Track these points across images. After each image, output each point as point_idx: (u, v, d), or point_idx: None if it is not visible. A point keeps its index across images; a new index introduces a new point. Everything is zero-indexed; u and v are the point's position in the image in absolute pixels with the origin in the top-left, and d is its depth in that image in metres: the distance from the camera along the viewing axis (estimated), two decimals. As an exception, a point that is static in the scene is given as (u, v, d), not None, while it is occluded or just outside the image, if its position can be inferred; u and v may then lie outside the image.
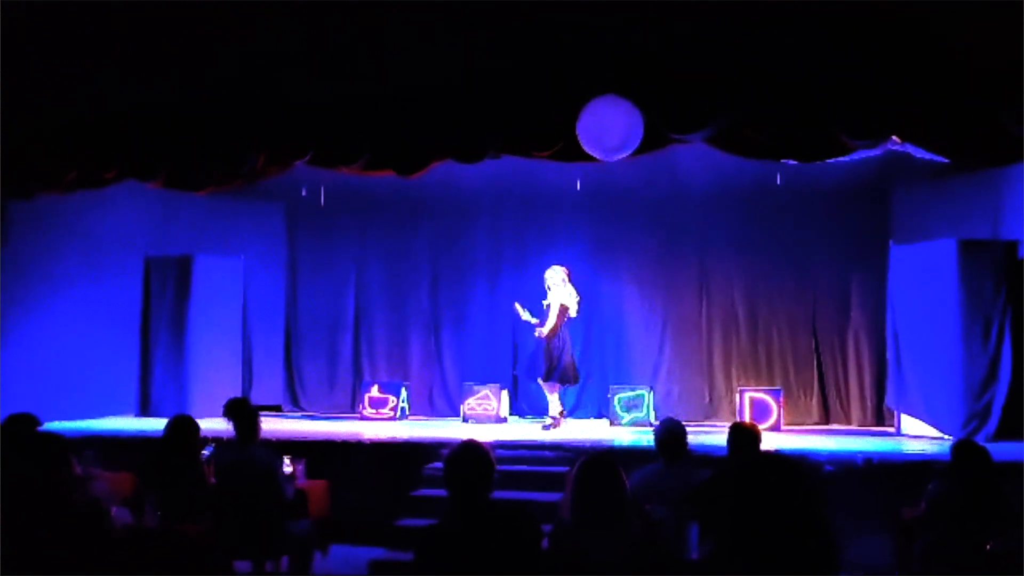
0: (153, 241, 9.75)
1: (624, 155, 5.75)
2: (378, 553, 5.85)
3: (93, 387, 8.96)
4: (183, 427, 4.89)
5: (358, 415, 9.73)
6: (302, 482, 5.65)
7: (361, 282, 10.78)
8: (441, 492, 6.25)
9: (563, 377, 8.73)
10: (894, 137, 6.06)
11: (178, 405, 9.21)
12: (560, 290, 8.79)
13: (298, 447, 6.39)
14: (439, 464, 6.80)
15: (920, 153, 6.29)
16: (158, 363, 9.67)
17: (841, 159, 6.40)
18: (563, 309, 8.70)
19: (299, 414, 10.34)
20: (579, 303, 8.86)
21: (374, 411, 9.67)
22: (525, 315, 8.97)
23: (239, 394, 9.92)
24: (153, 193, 8.70)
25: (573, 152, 6.35)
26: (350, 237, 10.71)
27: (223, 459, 4.86)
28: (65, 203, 8.30)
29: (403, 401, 9.64)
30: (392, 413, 9.57)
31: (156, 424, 7.73)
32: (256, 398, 10.16)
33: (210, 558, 3.86)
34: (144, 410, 9.59)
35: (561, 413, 8.83)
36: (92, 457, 5.49)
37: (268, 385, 10.57)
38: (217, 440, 5.38)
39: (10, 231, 8.12)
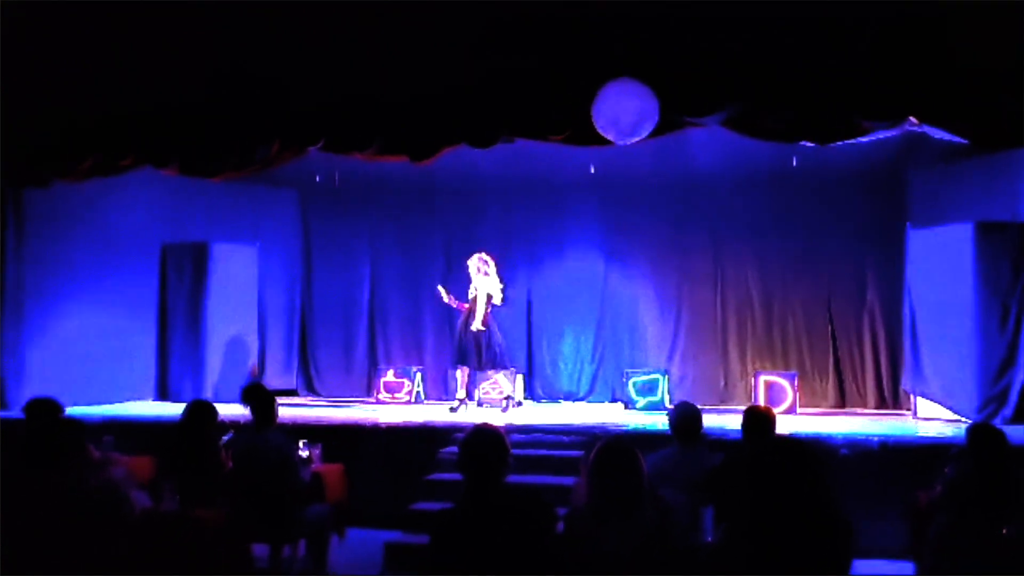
0: (169, 229, 9.80)
1: (639, 137, 5.72)
2: (394, 536, 5.92)
3: (111, 372, 9.04)
4: (201, 412, 4.93)
5: (374, 399, 9.79)
6: (318, 466, 5.68)
7: (375, 268, 10.81)
8: (455, 476, 6.33)
9: (495, 364, 8.71)
10: (911, 118, 5.99)
11: (195, 390, 9.36)
12: (483, 280, 8.77)
13: (314, 432, 6.42)
14: (453, 448, 6.84)
15: (939, 134, 6.22)
16: (175, 348, 9.75)
17: (860, 140, 6.31)
18: (488, 297, 8.69)
19: (314, 399, 10.40)
20: (503, 291, 8.90)
21: (389, 396, 9.77)
22: (446, 298, 8.99)
23: (252, 379, 10.09)
24: (168, 182, 8.75)
25: (587, 135, 6.32)
26: (364, 223, 10.74)
27: (240, 444, 4.90)
28: (81, 194, 8.37)
29: (418, 385, 9.72)
30: (408, 397, 9.66)
31: (174, 409, 7.85)
32: (270, 383, 10.22)
33: (227, 542, 3.89)
34: (162, 395, 9.68)
35: (464, 399, 8.83)
36: (111, 443, 5.54)
37: (283, 370, 10.67)
38: (235, 425, 5.42)
39: (26, 221, 8.18)
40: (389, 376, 9.86)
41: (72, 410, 5.85)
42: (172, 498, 4.75)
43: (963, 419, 7.35)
